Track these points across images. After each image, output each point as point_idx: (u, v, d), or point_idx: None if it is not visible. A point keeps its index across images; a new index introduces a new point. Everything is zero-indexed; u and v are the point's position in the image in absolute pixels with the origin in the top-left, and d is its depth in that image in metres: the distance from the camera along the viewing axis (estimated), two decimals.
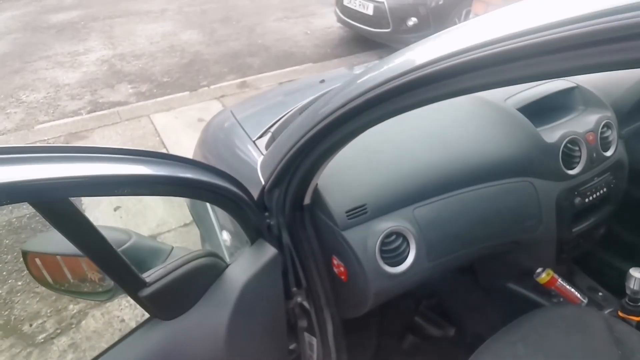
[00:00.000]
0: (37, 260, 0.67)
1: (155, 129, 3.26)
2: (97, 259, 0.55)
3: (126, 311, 1.87)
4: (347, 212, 0.85)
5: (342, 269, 0.92)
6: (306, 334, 1.10)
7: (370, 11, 4.24)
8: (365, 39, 4.60)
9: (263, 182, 0.88)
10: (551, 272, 1.16)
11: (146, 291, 0.63)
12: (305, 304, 1.03)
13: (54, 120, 3.41)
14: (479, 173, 0.96)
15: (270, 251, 0.82)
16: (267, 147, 1.08)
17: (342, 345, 1.06)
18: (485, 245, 0.98)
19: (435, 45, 0.53)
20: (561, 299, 1.19)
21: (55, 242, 0.73)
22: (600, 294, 1.20)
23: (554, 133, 1.01)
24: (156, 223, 2.38)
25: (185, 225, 2.34)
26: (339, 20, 4.73)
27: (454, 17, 4.17)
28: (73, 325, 1.82)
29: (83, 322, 1.83)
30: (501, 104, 1.06)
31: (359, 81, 0.65)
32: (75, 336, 1.78)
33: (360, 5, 4.32)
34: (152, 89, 3.89)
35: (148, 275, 0.64)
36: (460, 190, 0.94)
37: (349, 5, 4.44)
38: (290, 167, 0.80)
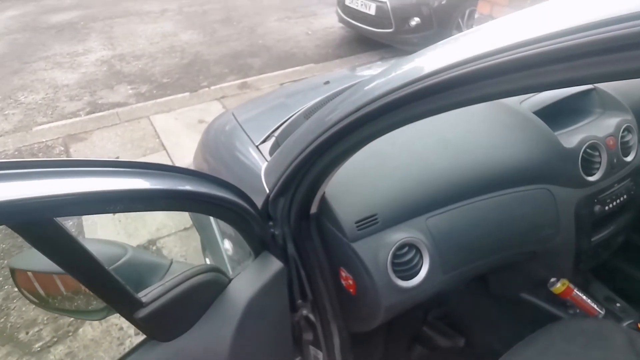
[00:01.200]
0: (26, 277, 0.62)
1: (155, 131, 3.22)
2: (86, 281, 0.50)
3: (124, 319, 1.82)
4: (356, 222, 0.80)
5: (350, 281, 0.88)
6: (312, 348, 1.05)
7: (372, 11, 4.19)
8: (366, 39, 4.55)
9: (267, 191, 0.83)
10: (567, 282, 1.11)
11: (142, 312, 0.58)
12: (311, 316, 0.99)
13: (52, 122, 3.36)
14: (494, 180, 0.91)
15: (275, 265, 0.77)
16: (271, 152, 1.03)
17: (349, 359, 1.01)
18: (501, 256, 0.93)
19: (446, 52, 0.51)
20: (577, 310, 1.14)
21: (43, 258, 0.69)
22: (618, 304, 1.15)
23: (572, 137, 0.96)
24: (156, 227, 2.34)
25: (186, 229, 2.30)
26: (341, 20, 4.68)
27: (457, 17, 4.13)
28: (70, 334, 1.77)
29: (80, 330, 1.78)
30: (516, 107, 1.01)
31: (367, 88, 0.61)
32: (72, 345, 1.73)
33: (362, 5, 4.27)
34: (152, 90, 3.84)
35: (144, 295, 0.60)
36: (475, 198, 0.89)
37: (351, 5, 4.40)
38: (297, 175, 0.75)
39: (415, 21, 4.06)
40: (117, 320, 1.81)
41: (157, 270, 0.68)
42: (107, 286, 0.52)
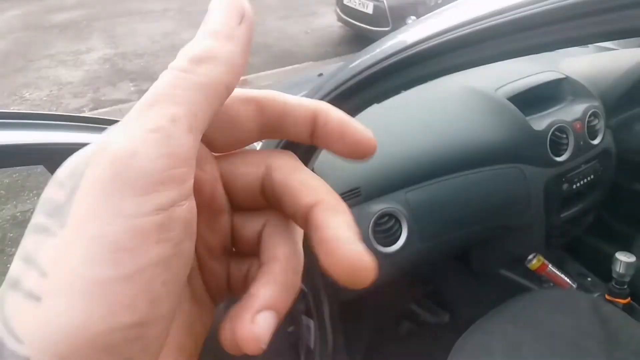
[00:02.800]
0: None
1: None
2: None
3: None
4: (341, 194, 0.88)
5: None
6: (304, 317, 1.13)
7: (370, 10, 4.28)
8: (365, 38, 4.63)
9: None
10: (542, 259, 1.20)
11: None
12: (303, 286, 1.07)
13: None
14: (470, 159, 1.00)
15: None
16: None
17: (338, 328, 1.09)
18: (475, 229, 1.02)
19: (429, 24, 0.54)
20: (551, 284, 1.22)
21: None
22: (589, 279, 1.24)
23: (542, 121, 1.05)
24: None
25: None
26: (339, 19, 4.77)
27: None
28: None
29: None
30: (491, 94, 1.10)
31: (351, 65, 0.67)
32: None
33: (360, 4, 4.36)
34: None
35: None
36: (452, 175, 0.98)
37: (349, 4, 4.49)
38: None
39: (411, 20, 4.15)
40: None
41: None
42: None
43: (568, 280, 1.19)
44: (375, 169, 0.93)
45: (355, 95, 0.65)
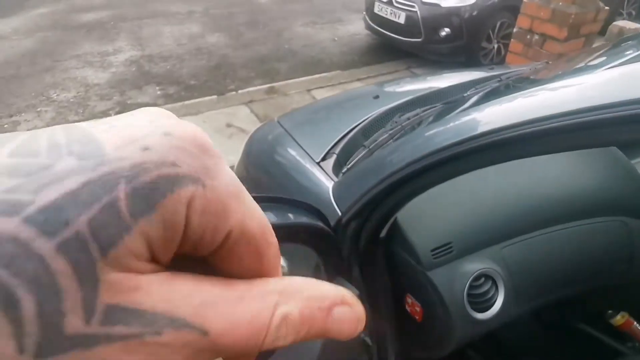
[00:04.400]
0: None
1: None
2: None
3: None
4: (432, 250, 0.78)
5: (417, 308, 0.86)
6: None
7: (401, 20, 4.17)
8: (392, 48, 4.53)
9: (339, 212, 0.82)
10: (626, 315, 1.08)
11: None
12: (367, 339, 0.97)
13: (83, 121, 3.40)
14: (568, 210, 0.89)
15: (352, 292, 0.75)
16: (334, 171, 1.02)
17: None
18: (572, 290, 0.90)
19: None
20: (637, 344, 1.10)
21: None
22: None
23: None
24: None
25: None
26: (368, 27, 4.67)
27: (488, 29, 4.08)
28: None
29: None
30: None
31: (428, 133, 0.62)
32: None
33: (391, 13, 4.26)
34: (180, 92, 3.87)
35: None
36: (548, 229, 0.87)
37: (380, 13, 4.38)
38: (375, 201, 0.74)
39: (445, 31, 4.03)
40: None
41: None
42: None
43: None
44: (468, 222, 0.82)
45: (438, 167, 0.59)
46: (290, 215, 0.69)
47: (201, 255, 0.15)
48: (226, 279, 0.15)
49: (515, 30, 2.93)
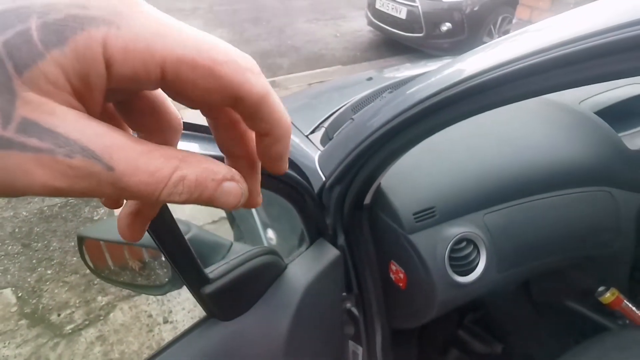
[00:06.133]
0: (98, 246, 0.63)
1: None
2: (169, 252, 0.50)
3: (153, 306, 1.84)
4: (414, 214, 0.79)
5: (401, 275, 0.86)
6: (351, 342, 1.04)
7: (403, 15, 4.18)
8: (394, 43, 4.54)
9: (323, 178, 0.82)
10: (616, 292, 1.07)
11: (209, 288, 0.58)
12: (354, 310, 0.97)
13: None
14: (553, 179, 0.89)
15: (332, 252, 0.76)
16: (322, 142, 1.03)
17: (389, 358, 0.99)
18: (555, 259, 0.90)
19: (488, 54, 0.53)
20: (627, 321, 1.10)
21: (107, 229, 0.69)
22: None
23: (637, 139, 0.93)
24: (184, 219, 2.36)
25: (214, 222, 2.31)
26: (370, 23, 4.68)
27: (489, 24, 4.08)
28: (101, 317, 1.80)
29: (111, 314, 1.81)
30: (575, 107, 0.99)
31: (411, 90, 0.62)
32: (103, 328, 1.76)
33: (393, 9, 4.26)
34: None
35: (211, 271, 0.59)
36: (533, 197, 0.87)
37: (381, 9, 4.39)
38: (355, 165, 0.75)
39: (446, 26, 4.03)
40: (146, 307, 1.84)
41: (218, 249, 0.68)
42: (183, 257, 0.52)
43: None
44: (451, 188, 0.83)
45: (415, 124, 0.59)
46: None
47: (147, 89, 0.18)
48: (140, 139, 0.17)
49: (514, 21, 2.92)
